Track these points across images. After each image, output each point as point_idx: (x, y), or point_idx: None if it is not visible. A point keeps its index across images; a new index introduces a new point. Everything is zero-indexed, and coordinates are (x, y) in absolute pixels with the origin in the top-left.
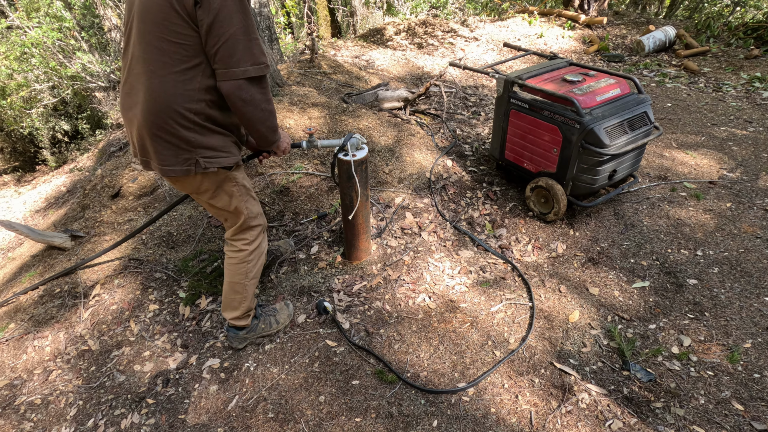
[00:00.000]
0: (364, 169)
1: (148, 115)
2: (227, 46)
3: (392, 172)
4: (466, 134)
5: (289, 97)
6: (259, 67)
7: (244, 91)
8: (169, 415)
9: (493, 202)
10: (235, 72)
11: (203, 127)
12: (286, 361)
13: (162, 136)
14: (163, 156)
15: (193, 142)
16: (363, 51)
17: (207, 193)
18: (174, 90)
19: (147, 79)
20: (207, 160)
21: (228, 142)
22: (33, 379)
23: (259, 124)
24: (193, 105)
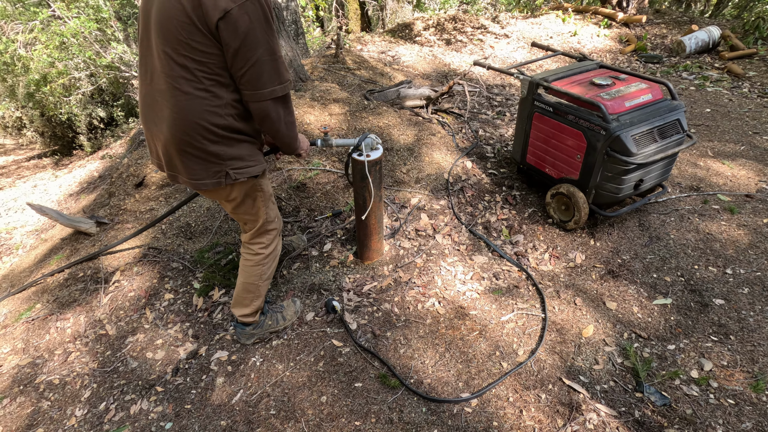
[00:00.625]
0: (378, 169)
1: (175, 132)
2: (255, 69)
3: (410, 171)
4: (489, 135)
5: (311, 92)
6: (284, 85)
7: (272, 110)
8: (176, 404)
9: (512, 206)
10: (263, 94)
11: (230, 138)
12: (291, 358)
13: (191, 152)
14: (193, 170)
15: (222, 155)
16: (390, 46)
17: (235, 201)
18: (201, 107)
19: (171, 96)
20: (237, 171)
21: (254, 150)
22: (54, 359)
23: (284, 136)
24: (220, 120)
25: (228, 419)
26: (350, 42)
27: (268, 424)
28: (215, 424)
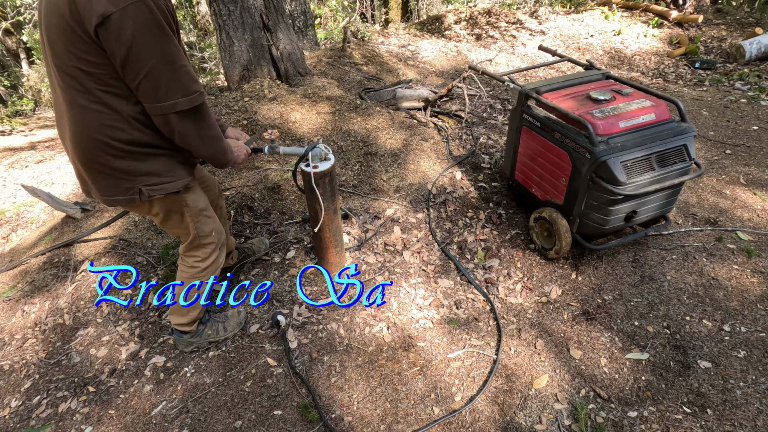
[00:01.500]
0: (328, 182)
1: (77, 147)
2: (149, 81)
3: (390, 179)
4: (492, 143)
5: (305, 88)
6: (190, 98)
7: (178, 125)
8: (102, 408)
9: (495, 226)
10: (162, 107)
11: (139, 153)
12: (222, 373)
13: (96, 168)
14: (103, 186)
15: (131, 170)
16: (413, 40)
17: (158, 216)
18: (98, 122)
19: (68, 110)
20: (151, 188)
21: (172, 164)
22: (12, 344)
23: (202, 152)
24: (123, 135)
25: (141, 431)
26: (369, 34)
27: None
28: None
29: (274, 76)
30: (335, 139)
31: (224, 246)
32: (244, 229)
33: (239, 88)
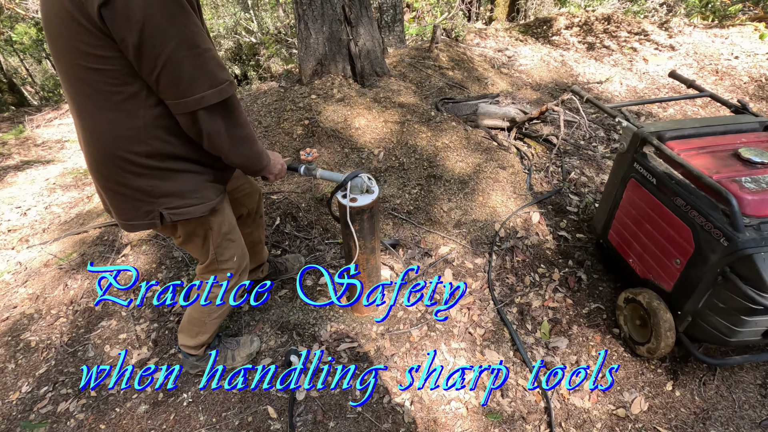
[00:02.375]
0: (367, 218)
1: (92, 164)
2: (169, 71)
3: (452, 211)
4: (586, 180)
5: (377, 91)
6: (219, 89)
7: (205, 123)
8: (95, 419)
9: (571, 293)
10: (188, 103)
11: (162, 169)
12: (217, 412)
13: (114, 188)
14: (121, 209)
15: (151, 191)
16: (513, 43)
17: (179, 239)
18: (112, 132)
19: (80, 120)
20: (173, 212)
21: (200, 183)
22: (46, 318)
23: (233, 156)
24: (141, 147)
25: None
26: (465, 33)
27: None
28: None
29: (349, 73)
30: (397, 154)
31: (245, 271)
32: (284, 240)
33: (310, 83)
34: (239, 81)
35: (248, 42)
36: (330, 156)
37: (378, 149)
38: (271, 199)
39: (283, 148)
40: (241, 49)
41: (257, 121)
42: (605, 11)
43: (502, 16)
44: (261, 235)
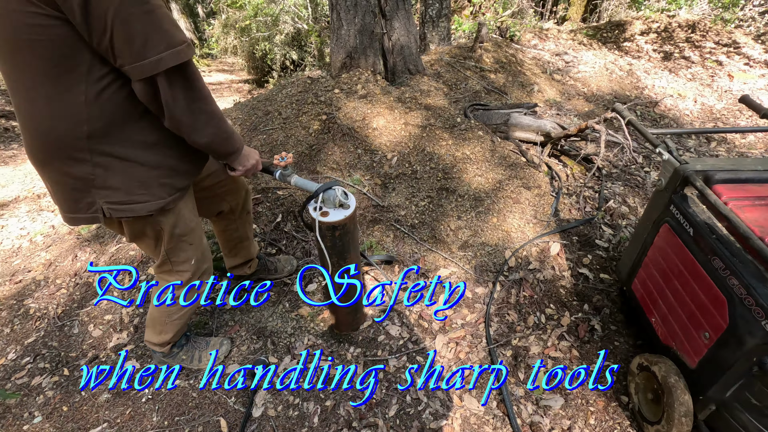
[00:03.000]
0: (338, 236)
1: (31, 149)
2: (120, 28)
3: (460, 230)
4: (625, 212)
5: (404, 90)
6: (177, 50)
7: (165, 92)
8: (60, 399)
9: (579, 343)
10: (144, 66)
11: (105, 155)
12: (170, 415)
13: (54, 177)
14: (62, 200)
15: (92, 180)
16: (575, 47)
17: (127, 237)
18: (49, 111)
19: (15, 99)
20: (113, 208)
21: (150, 178)
22: (50, 287)
23: (197, 134)
24: (82, 126)
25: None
26: (521, 33)
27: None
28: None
29: (380, 69)
30: (412, 161)
31: (207, 274)
32: (281, 239)
33: (338, 76)
34: (295, 66)
35: (304, 29)
36: (341, 156)
37: (392, 153)
38: (277, 194)
39: (298, 142)
40: (300, 35)
41: (278, 111)
42: (690, 17)
43: (576, 15)
44: (248, 232)
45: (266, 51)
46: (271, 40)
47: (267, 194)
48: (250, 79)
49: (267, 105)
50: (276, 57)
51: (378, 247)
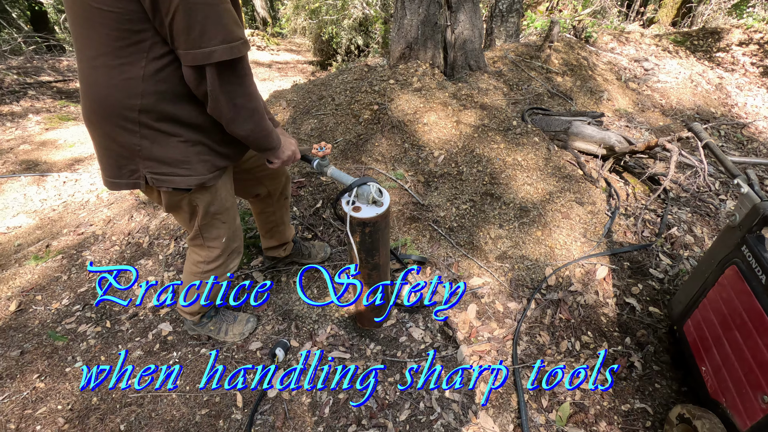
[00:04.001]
0: (369, 233)
1: (86, 112)
2: (181, 15)
3: (500, 240)
4: (690, 241)
5: (460, 87)
6: (232, 45)
7: (211, 82)
8: (101, 349)
9: (614, 380)
10: (196, 55)
11: (154, 129)
12: (192, 382)
13: (103, 143)
14: (106, 165)
15: (138, 151)
16: (658, 54)
17: (164, 208)
18: (107, 80)
19: (80, 65)
20: (156, 178)
21: (193, 154)
22: (105, 242)
23: (235, 126)
24: (136, 100)
25: (100, 405)
26: (599, 34)
27: None
28: (100, 391)
29: (439, 62)
30: (459, 161)
31: (236, 254)
32: (318, 225)
33: (395, 66)
34: (359, 52)
35: (372, 15)
36: (387, 148)
37: (440, 151)
38: (320, 180)
39: (346, 130)
40: (367, 20)
41: (331, 97)
42: None
43: (666, 19)
44: (284, 217)
45: (333, 34)
46: (338, 24)
47: (310, 179)
48: (314, 60)
49: (322, 90)
50: (342, 41)
51: (412, 246)
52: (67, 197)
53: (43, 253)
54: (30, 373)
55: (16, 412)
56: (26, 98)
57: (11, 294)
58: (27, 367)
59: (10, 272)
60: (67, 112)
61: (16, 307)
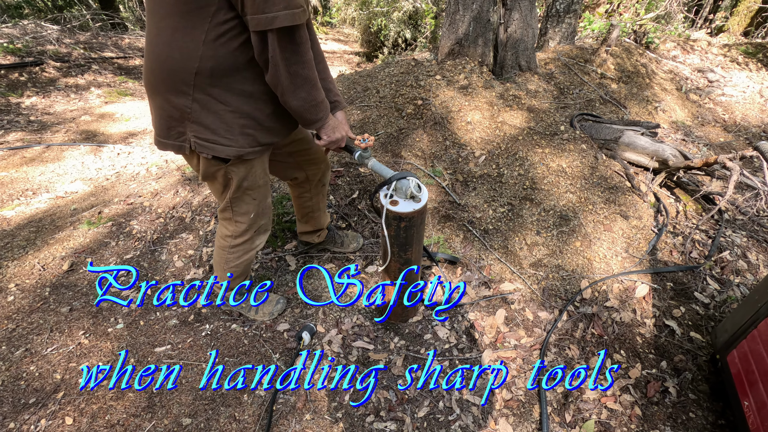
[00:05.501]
0: (404, 227)
1: (145, 74)
2: None
3: (536, 247)
4: (742, 267)
5: (508, 87)
6: (293, 12)
7: (272, 47)
8: (141, 314)
9: (646, 402)
10: (260, 20)
11: (206, 94)
12: (223, 354)
13: (157, 101)
14: (159, 125)
15: (188, 114)
16: (724, 65)
17: (200, 174)
18: (170, 41)
19: (147, 27)
20: (199, 143)
21: (237, 125)
22: (151, 214)
23: (290, 96)
24: (194, 62)
25: (137, 366)
26: (661, 41)
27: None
28: (137, 353)
29: (488, 60)
30: (500, 163)
31: (263, 231)
32: (352, 215)
33: (443, 62)
34: (406, 45)
35: (422, 8)
36: (428, 144)
37: (481, 151)
38: (358, 170)
39: (389, 123)
40: (417, 14)
41: (376, 89)
42: None
43: (738, 27)
44: (320, 203)
45: (382, 26)
46: (388, 16)
47: (349, 169)
48: (361, 51)
49: (367, 81)
50: (390, 33)
51: (444, 245)
52: (120, 168)
53: (96, 219)
54: (76, 329)
55: (62, 364)
56: (90, 72)
57: (65, 254)
58: (74, 323)
59: (66, 234)
60: (125, 88)
61: (69, 267)
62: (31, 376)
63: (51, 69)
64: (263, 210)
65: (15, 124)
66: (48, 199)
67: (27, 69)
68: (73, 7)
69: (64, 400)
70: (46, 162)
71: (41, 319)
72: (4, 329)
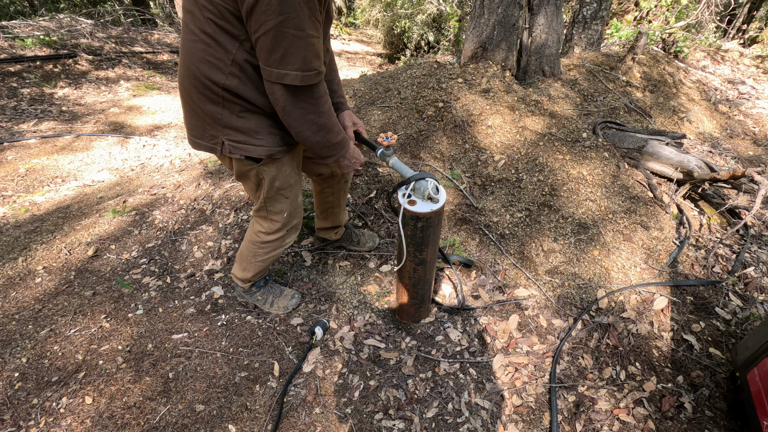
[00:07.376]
0: (421, 228)
1: (180, 79)
2: (267, 39)
3: (552, 254)
4: (765, 284)
5: (530, 92)
6: (304, 74)
7: (281, 98)
8: (160, 302)
9: (660, 417)
10: (271, 73)
11: (233, 103)
12: (236, 345)
13: (190, 106)
14: (192, 126)
15: (219, 119)
16: (756, 76)
17: (234, 174)
18: (201, 55)
19: (183, 35)
20: (232, 145)
21: (264, 126)
22: (173, 205)
23: (301, 137)
24: (221, 78)
25: (154, 352)
26: (691, 50)
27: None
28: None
29: (511, 65)
30: (519, 168)
31: (294, 230)
32: (370, 214)
33: (465, 65)
34: (429, 48)
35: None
36: (447, 147)
37: (500, 156)
38: (377, 170)
39: (409, 124)
40: (441, 17)
41: (397, 90)
42: None
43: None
44: (341, 200)
45: (405, 28)
46: (412, 18)
47: (367, 168)
48: (383, 53)
49: (389, 82)
50: (413, 36)
51: (460, 248)
52: (145, 159)
53: (120, 208)
54: (99, 313)
55: (84, 345)
56: (120, 66)
57: (90, 240)
58: (96, 307)
59: (91, 220)
60: (153, 82)
61: (93, 253)
62: (55, 355)
63: (83, 62)
64: (296, 209)
65: (48, 114)
66: (76, 186)
67: (61, 61)
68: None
69: (84, 380)
70: (76, 151)
71: (66, 301)
72: (31, 309)
